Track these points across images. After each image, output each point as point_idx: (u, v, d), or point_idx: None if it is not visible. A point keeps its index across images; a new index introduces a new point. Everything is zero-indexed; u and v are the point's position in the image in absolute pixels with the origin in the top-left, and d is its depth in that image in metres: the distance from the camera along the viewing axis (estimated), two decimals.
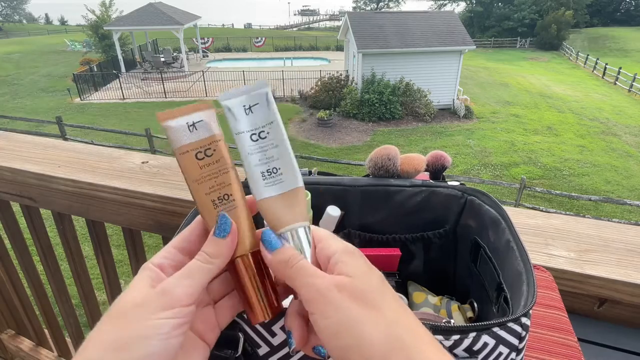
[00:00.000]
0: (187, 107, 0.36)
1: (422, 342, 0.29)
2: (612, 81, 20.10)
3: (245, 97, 0.36)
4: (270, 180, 0.36)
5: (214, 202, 0.36)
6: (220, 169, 0.36)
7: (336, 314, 0.29)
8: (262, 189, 0.36)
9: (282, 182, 0.36)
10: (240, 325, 0.38)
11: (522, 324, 0.35)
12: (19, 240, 1.31)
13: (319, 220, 0.61)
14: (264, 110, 0.36)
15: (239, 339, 0.38)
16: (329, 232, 0.36)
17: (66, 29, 42.11)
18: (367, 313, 0.29)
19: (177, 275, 0.33)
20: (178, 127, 0.35)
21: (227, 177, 0.36)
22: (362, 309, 0.29)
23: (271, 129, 0.36)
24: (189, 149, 0.36)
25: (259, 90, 0.36)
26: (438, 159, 0.62)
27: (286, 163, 0.36)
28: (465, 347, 0.34)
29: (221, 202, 0.36)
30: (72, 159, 1.08)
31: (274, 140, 0.36)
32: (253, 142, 0.36)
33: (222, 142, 0.37)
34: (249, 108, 0.36)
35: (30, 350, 1.55)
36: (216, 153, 0.36)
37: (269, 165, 0.36)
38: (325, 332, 0.30)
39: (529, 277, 0.39)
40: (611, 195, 9.74)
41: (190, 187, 0.37)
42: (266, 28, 44.50)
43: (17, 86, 18.52)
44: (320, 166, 8.65)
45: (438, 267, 0.61)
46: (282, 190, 0.36)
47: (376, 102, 14.01)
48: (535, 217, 0.85)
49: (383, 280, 0.32)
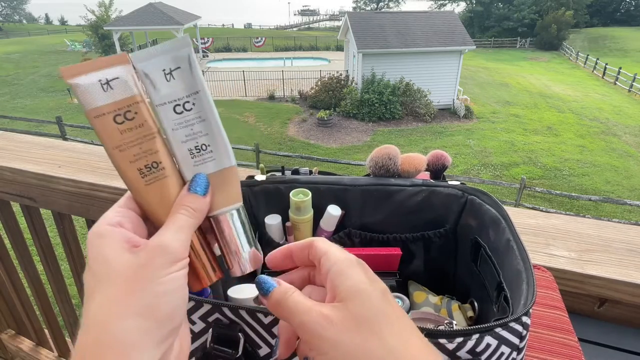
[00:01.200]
0: (99, 61, 0.31)
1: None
2: (612, 81, 20.10)
3: (164, 59, 0.31)
4: (199, 159, 0.33)
5: (140, 171, 0.32)
6: (144, 134, 0.32)
7: (332, 351, 0.27)
8: (191, 169, 0.33)
9: (214, 160, 0.34)
10: (241, 326, 0.38)
11: (523, 323, 0.35)
12: (19, 240, 1.31)
13: (319, 220, 0.61)
14: (187, 77, 0.32)
15: (240, 339, 0.38)
16: (330, 243, 0.33)
17: (66, 29, 42.10)
18: (365, 344, 0.27)
19: (168, 229, 0.31)
20: (89, 86, 0.31)
21: (153, 144, 0.32)
22: (359, 339, 0.27)
23: (197, 100, 0.32)
24: (105, 111, 0.31)
25: (180, 52, 0.31)
26: (438, 158, 0.62)
27: (216, 139, 0.33)
28: (468, 349, 0.34)
29: (149, 171, 0.32)
30: (72, 159, 1.08)
31: (201, 113, 0.32)
32: (177, 115, 0.32)
33: (144, 104, 0.32)
34: (169, 73, 0.32)
35: (30, 350, 1.55)
36: (138, 116, 0.32)
37: (197, 142, 0.33)
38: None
39: (529, 276, 0.39)
40: (611, 195, 9.74)
41: (111, 154, 0.32)
42: (266, 28, 44.50)
43: (17, 86, 18.52)
44: (320, 166, 8.65)
45: (438, 266, 0.61)
46: (213, 169, 0.34)
47: (376, 102, 14.01)
48: (535, 217, 0.85)
49: (385, 295, 0.29)
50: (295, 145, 12.50)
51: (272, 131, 13.44)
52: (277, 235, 0.60)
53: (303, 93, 15.84)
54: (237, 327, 0.38)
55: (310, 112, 14.68)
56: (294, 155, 10.50)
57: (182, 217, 0.32)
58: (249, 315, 0.38)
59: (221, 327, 0.38)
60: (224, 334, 0.38)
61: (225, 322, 0.39)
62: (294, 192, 0.58)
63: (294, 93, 16.16)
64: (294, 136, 13.13)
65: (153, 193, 0.33)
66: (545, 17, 29.63)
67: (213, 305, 0.38)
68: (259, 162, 10.04)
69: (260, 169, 0.64)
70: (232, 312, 0.38)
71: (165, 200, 0.33)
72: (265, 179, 0.60)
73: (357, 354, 0.26)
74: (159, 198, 0.33)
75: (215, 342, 0.39)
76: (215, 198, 0.34)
